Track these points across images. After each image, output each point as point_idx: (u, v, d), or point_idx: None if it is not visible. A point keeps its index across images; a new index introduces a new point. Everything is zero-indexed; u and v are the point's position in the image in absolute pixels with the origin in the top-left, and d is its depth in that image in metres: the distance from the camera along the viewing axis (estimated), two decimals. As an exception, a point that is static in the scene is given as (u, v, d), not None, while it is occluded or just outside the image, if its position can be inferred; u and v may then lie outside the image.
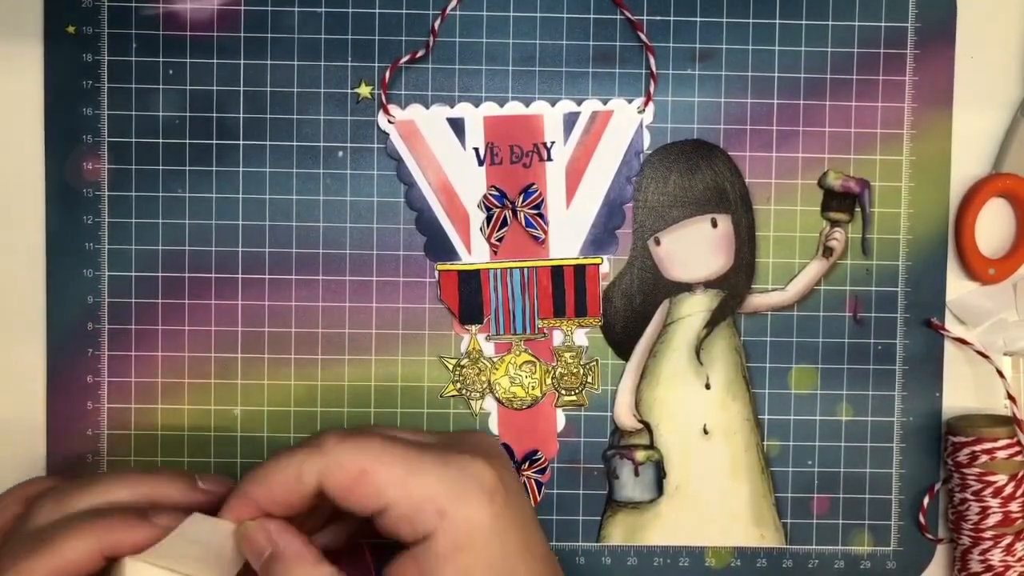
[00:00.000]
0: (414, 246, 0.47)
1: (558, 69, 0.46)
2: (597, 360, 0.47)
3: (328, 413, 0.47)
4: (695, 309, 0.47)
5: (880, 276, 0.47)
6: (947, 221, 0.47)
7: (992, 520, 0.45)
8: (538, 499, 0.47)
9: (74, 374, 0.47)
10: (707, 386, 0.47)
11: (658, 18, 0.46)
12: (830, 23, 0.47)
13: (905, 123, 0.47)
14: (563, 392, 0.47)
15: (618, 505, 0.47)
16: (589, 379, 0.47)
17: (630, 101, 0.47)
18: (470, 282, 0.47)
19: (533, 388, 0.47)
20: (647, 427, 0.47)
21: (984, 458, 0.45)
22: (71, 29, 0.46)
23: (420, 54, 0.46)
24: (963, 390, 0.48)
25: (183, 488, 0.37)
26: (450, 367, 0.47)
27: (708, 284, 0.47)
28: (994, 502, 0.45)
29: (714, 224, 0.47)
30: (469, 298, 0.47)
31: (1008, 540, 0.45)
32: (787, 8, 0.47)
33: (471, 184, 0.46)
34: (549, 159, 0.46)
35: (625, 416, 0.47)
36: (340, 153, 0.47)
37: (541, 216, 0.46)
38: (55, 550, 0.33)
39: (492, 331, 0.47)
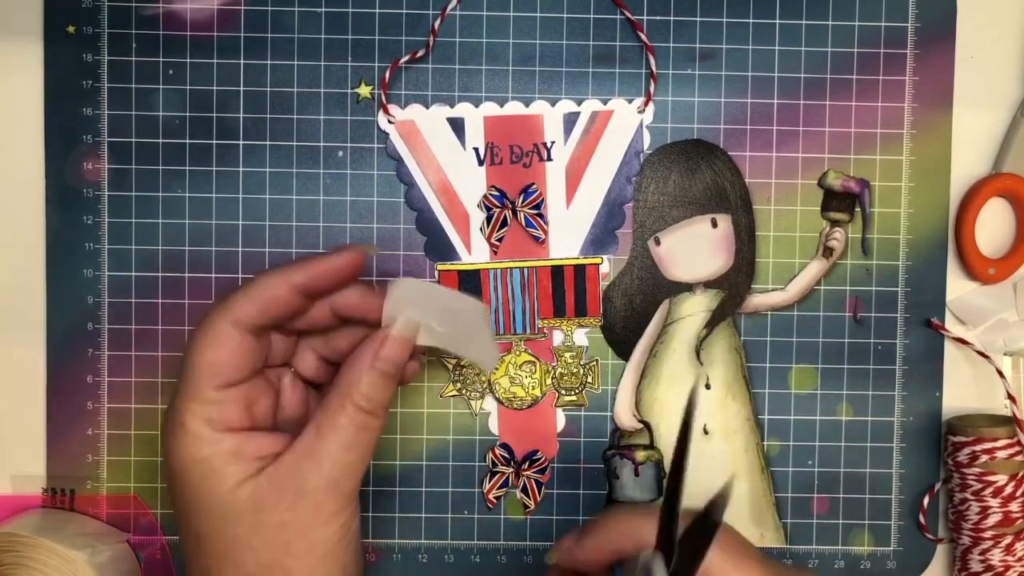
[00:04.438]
0: (414, 246, 0.47)
1: (558, 69, 0.46)
2: (597, 360, 0.47)
3: (328, 413, 0.47)
4: (695, 309, 0.47)
5: (880, 276, 0.47)
6: (947, 221, 0.47)
7: (992, 520, 0.45)
8: (538, 499, 0.47)
9: (74, 374, 0.47)
10: (707, 386, 0.47)
11: (658, 18, 0.47)
12: (830, 23, 0.47)
13: (905, 123, 0.47)
14: (563, 392, 0.47)
15: (618, 505, 0.47)
16: (589, 379, 0.47)
17: (630, 101, 0.47)
18: (470, 282, 0.47)
19: (533, 388, 0.47)
20: (647, 427, 0.47)
21: (984, 458, 0.45)
22: (71, 29, 0.46)
23: (420, 54, 0.46)
24: (963, 390, 0.48)
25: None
26: (450, 367, 0.47)
27: (708, 284, 0.47)
28: (994, 502, 0.45)
29: (714, 224, 0.47)
30: (469, 298, 0.47)
31: (1008, 540, 0.45)
32: (787, 8, 0.47)
33: (471, 184, 0.46)
34: (549, 159, 0.46)
35: (625, 416, 0.47)
36: (340, 153, 0.47)
37: (541, 216, 0.46)
38: (252, 287, 0.37)
39: (492, 331, 0.47)
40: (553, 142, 0.46)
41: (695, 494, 0.48)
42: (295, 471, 0.35)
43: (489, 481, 0.47)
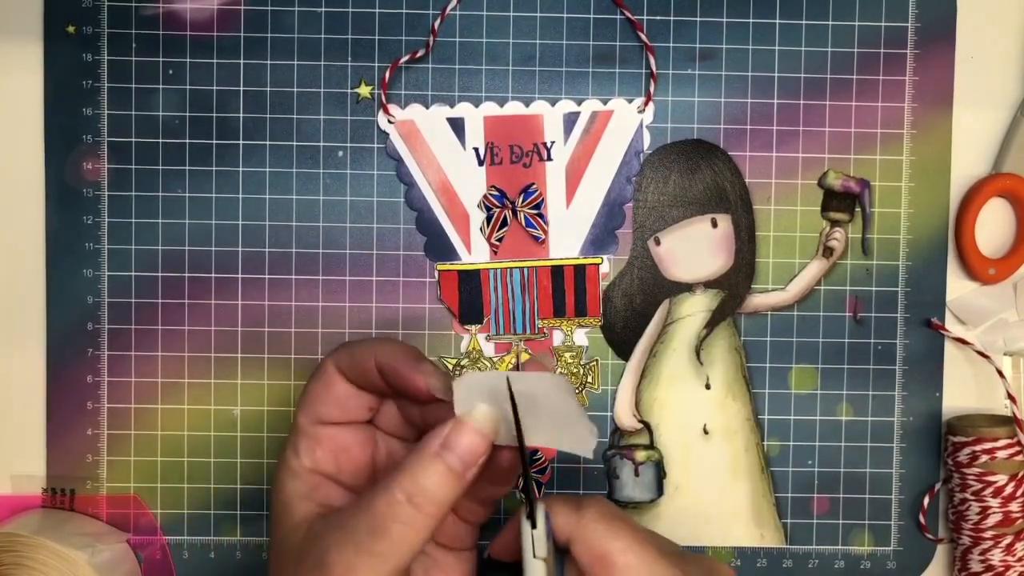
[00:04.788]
0: (414, 246, 0.47)
1: (558, 69, 0.46)
2: (597, 360, 0.47)
3: (328, 413, 0.47)
4: (695, 309, 0.47)
5: (880, 276, 0.47)
6: (947, 221, 0.47)
7: (992, 520, 0.45)
8: (539, 499, 0.47)
9: (74, 374, 0.47)
10: (707, 386, 0.47)
11: (658, 18, 0.47)
12: (830, 23, 0.47)
13: (905, 123, 0.47)
14: (563, 392, 0.47)
15: (618, 505, 0.47)
16: (589, 379, 0.47)
17: (630, 101, 0.47)
18: (470, 282, 0.47)
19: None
20: (647, 427, 0.47)
21: (984, 458, 0.45)
22: (71, 29, 0.46)
23: (420, 54, 0.46)
24: (963, 390, 0.48)
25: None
26: (450, 367, 0.47)
27: (708, 284, 0.47)
28: (994, 502, 0.45)
29: (714, 224, 0.47)
30: (469, 298, 0.47)
31: (1008, 540, 0.45)
32: (787, 8, 0.47)
33: (471, 184, 0.46)
34: (549, 159, 0.46)
35: (625, 416, 0.47)
36: (340, 153, 0.47)
37: (541, 216, 0.46)
38: (359, 340, 0.37)
39: (492, 331, 0.47)
40: (553, 142, 0.46)
41: (696, 494, 0.48)
42: (325, 534, 0.33)
43: (489, 481, 0.47)
